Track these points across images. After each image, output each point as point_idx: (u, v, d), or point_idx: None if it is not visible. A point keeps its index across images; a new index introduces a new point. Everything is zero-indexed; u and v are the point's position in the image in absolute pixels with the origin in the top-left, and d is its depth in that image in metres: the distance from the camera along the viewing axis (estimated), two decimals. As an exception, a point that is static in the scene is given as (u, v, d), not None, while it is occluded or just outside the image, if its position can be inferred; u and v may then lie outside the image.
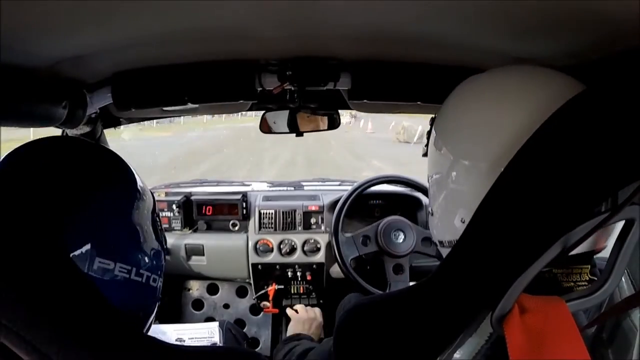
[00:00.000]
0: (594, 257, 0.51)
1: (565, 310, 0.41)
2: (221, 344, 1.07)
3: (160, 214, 1.53)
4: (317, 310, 1.34)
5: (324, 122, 1.15)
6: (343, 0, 0.53)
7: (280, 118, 1.13)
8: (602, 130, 0.38)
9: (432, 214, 0.60)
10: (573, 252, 0.42)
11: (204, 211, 1.56)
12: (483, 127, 0.50)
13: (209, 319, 1.73)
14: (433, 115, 0.61)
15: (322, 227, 1.54)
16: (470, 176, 0.50)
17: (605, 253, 0.48)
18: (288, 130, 1.13)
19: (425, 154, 0.63)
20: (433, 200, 0.59)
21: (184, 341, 1.05)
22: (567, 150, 0.39)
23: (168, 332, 1.07)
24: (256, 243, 1.53)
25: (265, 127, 1.17)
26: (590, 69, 0.62)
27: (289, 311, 1.36)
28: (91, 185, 0.50)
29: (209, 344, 1.05)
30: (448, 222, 0.55)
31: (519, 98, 0.49)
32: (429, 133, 0.61)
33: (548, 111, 0.42)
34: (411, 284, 1.35)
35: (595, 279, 0.48)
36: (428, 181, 0.61)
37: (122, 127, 1.21)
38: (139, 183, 0.56)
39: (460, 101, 0.56)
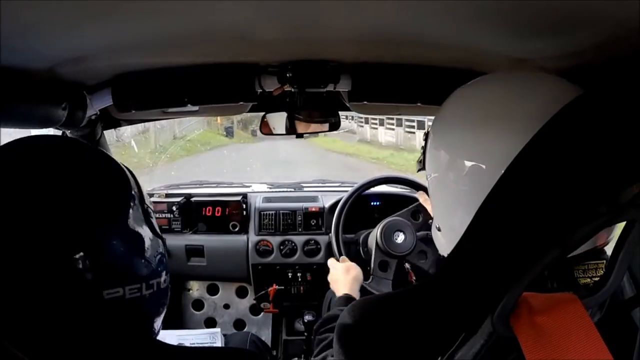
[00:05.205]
0: None
1: (579, 307, 0.40)
2: None
3: (161, 216, 1.53)
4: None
5: (323, 124, 1.15)
6: (342, 1, 0.53)
7: (279, 120, 1.13)
8: (602, 132, 0.39)
9: (439, 229, 0.59)
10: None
11: (204, 212, 1.56)
12: (485, 130, 0.50)
13: (209, 320, 1.73)
14: (427, 130, 0.61)
15: (323, 229, 1.54)
16: (470, 178, 0.50)
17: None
18: (285, 133, 1.13)
19: (420, 169, 0.62)
20: (434, 207, 0.59)
21: None
22: (567, 152, 0.39)
23: (168, 338, 1.06)
24: (256, 244, 1.53)
25: (266, 129, 1.17)
26: (591, 70, 0.62)
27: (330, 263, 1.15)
28: (85, 202, 0.44)
29: None
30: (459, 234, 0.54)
31: (520, 101, 0.49)
32: (424, 148, 0.60)
33: (548, 115, 0.42)
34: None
35: None
36: (429, 196, 0.60)
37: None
38: (132, 185, 0.51)
39: (459, 104, 0.56)
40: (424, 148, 0.60)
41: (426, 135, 0.60)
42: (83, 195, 0.44)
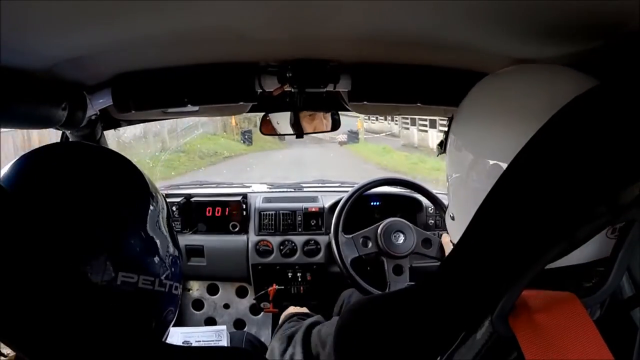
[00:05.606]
0: None
1: (578, 306, 0.40)
2: None
3: None
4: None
5: (327, 121, 1.15)
6: (342, 1, 0.53)
7: (283, 119, 1.14)
8: (603, 130, 0.39)
9: (452, 218, 0.60)
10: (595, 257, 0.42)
11: (204, 212, 1.56)
12: (502, 126, 0.50)
13: (209, 319, 1.73)
14: (450, 116, 0.61)
15: (322, 229, 1.54)
16: (493, 177, 0.50)
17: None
18: (292, 132, 1.13)
19: (440, 153, 0.64)
20: (454, 205, 0.60)
21: (191, 344, 1.05)
22: (568, 150, 0.39)
23: (175, 335, 1.07)
24: (256, 244, 1.53)
25: (267, 129, 1.17)
26: (591, 71, 0.62)
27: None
28: (107, 198, 0.48)
29: None
30: None
31: (537, 96, 0.49)
32: (446, 134, 0.62)
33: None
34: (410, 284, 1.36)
35: None
36: (447, 182, 0.61)
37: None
38: (151, 188, 0.54)
39: (477, 101, 0.56)
40: (447, 132, 0.61)
41: (449, 122, 0.60)
42: (101, 191, 0.47)
